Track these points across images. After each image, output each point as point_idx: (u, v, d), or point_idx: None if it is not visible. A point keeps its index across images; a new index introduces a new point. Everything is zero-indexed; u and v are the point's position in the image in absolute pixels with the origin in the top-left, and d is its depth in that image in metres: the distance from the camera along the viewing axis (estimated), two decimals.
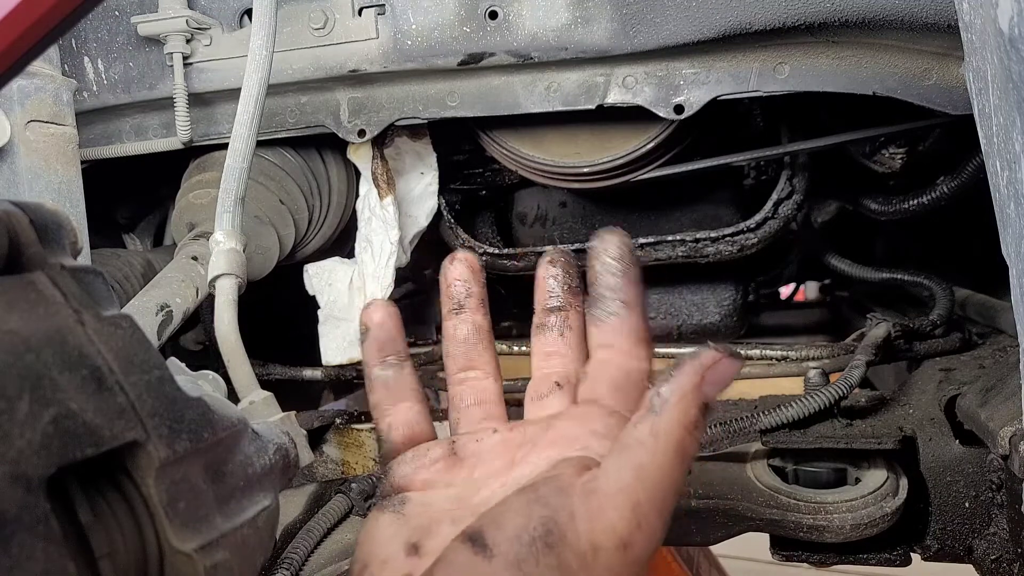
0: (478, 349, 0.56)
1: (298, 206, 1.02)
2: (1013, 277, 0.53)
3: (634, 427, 0.41)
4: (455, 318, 0.56)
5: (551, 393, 0.53)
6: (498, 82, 0.91)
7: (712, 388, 0.41)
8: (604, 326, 0.52)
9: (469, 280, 0.55)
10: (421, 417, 0.55)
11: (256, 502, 0.40)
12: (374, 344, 0.55)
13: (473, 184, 1.19)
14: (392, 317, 0.55)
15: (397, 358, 0.55)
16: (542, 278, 0.55)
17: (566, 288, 0.55)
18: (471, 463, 0.52)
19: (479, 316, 0.56)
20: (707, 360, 0.41)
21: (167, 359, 0.40)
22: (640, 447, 0.40)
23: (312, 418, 1.04)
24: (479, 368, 0.56)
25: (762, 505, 0.77)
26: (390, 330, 0.55)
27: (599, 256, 0.51)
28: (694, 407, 0.40)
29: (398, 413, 0.55)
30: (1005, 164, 0.52)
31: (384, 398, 0.55)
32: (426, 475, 0.52)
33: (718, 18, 0.80)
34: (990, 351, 0.97)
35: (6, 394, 0.28)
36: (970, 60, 0.58)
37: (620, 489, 0.39)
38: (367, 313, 0.55)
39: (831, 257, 1.28)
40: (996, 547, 0.75)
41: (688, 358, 0.41)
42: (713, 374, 0.41)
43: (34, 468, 0.28)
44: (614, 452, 0.41)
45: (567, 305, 0.55)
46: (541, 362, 0.55)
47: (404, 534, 0.48)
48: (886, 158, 1.06)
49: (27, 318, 0.31)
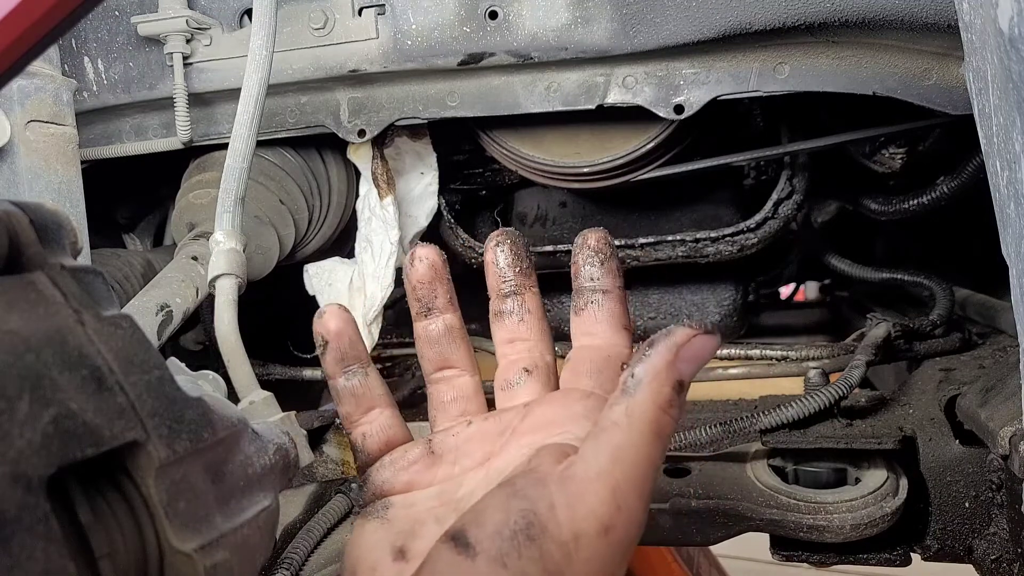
0: (451, 348, 0.55)
1: (298, 206, 1.02)
2: (1013, 277, 0.53)
3: (609, 409, 0.41)
4: (424, 320, 0.55)
5: (521, 380, 0.53)
6: (498, 82, 0.91)
7: (687, 365, 0.41)
8: (585, 314, 0.52)
9: (433, 280, 0.55)
10: (394, 421, 0.55)
11: (256, 502, 0.40)
12: (334, 355, 0.54)
13: (473, 184, 1.19)
14: (348, 323, 0.54)
15: (360, 365, 0.54)
16: (491, 262, 0.55)
17: (517, 271, 0.54)
18: (450, 459, 0.52)
19: (449, 315, 0.55)
20: (680, 338, 0.41)
21: (167, 359, 0.40)
22: (615, 428, 0.40)
23: (312, 418, 1.04)
24: (455, 366, 0.56)
25: (762, 505, 0.77)
26: (348, 337, 0.54)
27: (580, 250, 0.52)
28: (667, 386, 0.40)
29: (370, 421, 0.54)
30: (1005, 164, 0.52)
31: (353, 409, 0.54)
32: (406, 477, 0.52)
33: (718, 18, 0.81)
34: (990, 351, 0.97)
35: (6, 394, 0.28)
36: (970, 60, 0.58)
37: (598, 473, 0.39)
38: (322, 324, 0.53)
39: (831, 257, 1.28)
40: (996, 547, 0.75)
41: (661, 336, 0.41)
42: (688, 351, 0.41)
43: (34, 468, 0.28)
44: (590, 436, 0.41)
45: (521, 288, 0.54)
46: (505, 348, 0.55)
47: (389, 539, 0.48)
48: (886, 158, 1.06)
49: (27, 318, 0.31)
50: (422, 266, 0.54)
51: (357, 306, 0.97)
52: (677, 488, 0.81)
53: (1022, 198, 0.49)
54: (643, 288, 1.22)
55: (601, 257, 0.52)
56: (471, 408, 0.55)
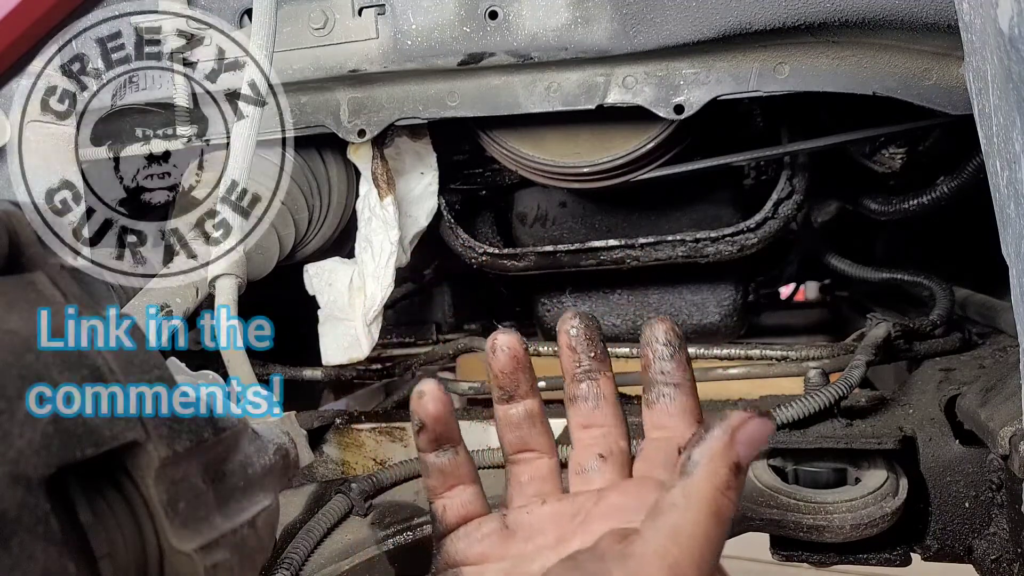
0: (532, 433, 0.57)
1: (298, 206, 1.02)
2: (1013, 277, 0.53)
3: (668, 491, 0.43)
4: (506, 404, 0.56)
5: (595, 465, 0.55)
6: (498, 82, 0.91)
7: (743, 448, 0.43)
8: (657, 408, 0.54)
9: (516, 371, 0.55)
10: (475, 496, 0.56)
11: (256, 502, 0.40)
12: (429, 436, 0.55)
13: (473, 184, 1.18)
14: (446, 407, 0.55)
15: (451, 444, 0.55)
16: (565, 345, 0.56)
17: (592, 356, 0.56)
18: (524, 535, 0.53)
19: (530, 400, 0.56)
20: (736, 421, 0.43)
21: (167, 359, 0.40)
22: (674, 510, 0.41)
23: (312, 418, 1.04)
24: (534, 449, 0.57)
25: (762, 505, 0.77)
26: (445, 421, 0.55)
27: (650, 343, 0.54)
28: (724, 467, 0.42)
29: (452, 496, 0.56)
30: (1005, 164, 0.52)
31: (439, 483, 0.56)
32: (480, 548, 0.53)
33: (718, 18, 0.80)
34: (990, 351, 0.97)
35: (6, 394, 0.28)
36: (970, 60, 0.58)
37: (655, 551, 0.40)
38: (421, 405, 0.54)
39: (831, 257, 1.28)
40: (996, 547, 0.75)
41: (718, 419, 0.44)
42: (743, 434, 0.43)
43: (34, 468, 0.28)
44: (649, 516, 0.43)
45: (596, 372, 0.56)
46: (580, 434, 0.56)
47: None
48: (886, 158, 1.06)
49: (27, 318, 0.31)
50: (504, 356, 0.55)
51: (357, 306, 0.97)
52: None
53: (1022, 198, 0.49)
54: (643, 288, 1.22)
55: (671, 350, 0.53)
56: (546, 488, 0.56)
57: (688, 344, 0.55)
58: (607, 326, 1.24)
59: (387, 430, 1.02)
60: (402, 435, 1.02)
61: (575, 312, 0.56)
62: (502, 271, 1.14)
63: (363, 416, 1.06)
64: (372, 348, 0.98)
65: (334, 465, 1.03)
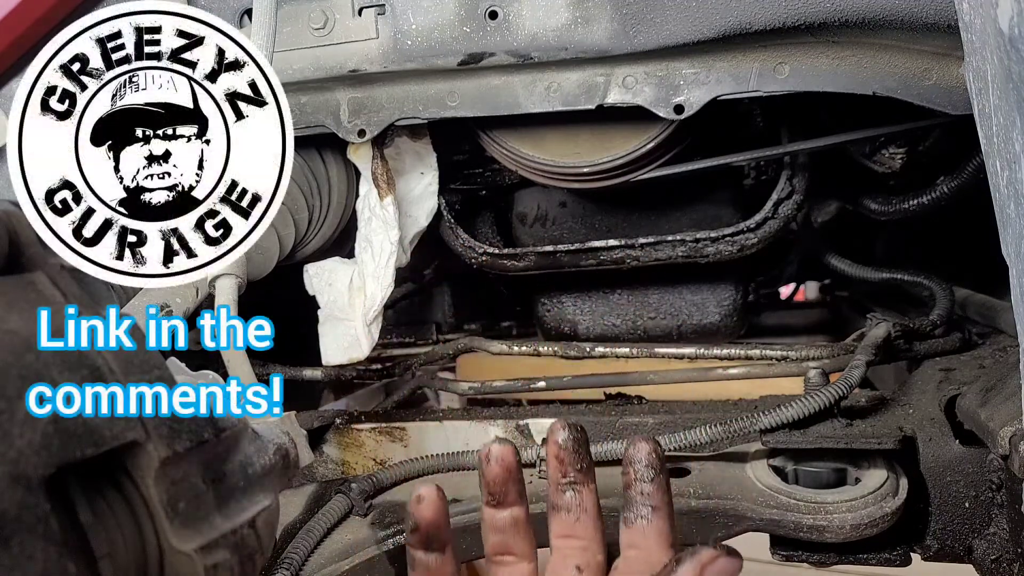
0: (515, 538, 0.58)
1: (298, 206, 1.02)
2: (1013, 277, 0.53)
3: None
4: (493, 509, 0.58)
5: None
6: (498, 82, 0.91)
7: None
8: (634, 528, 0.55)
9: (507, 481, 0.58)
10: None
11: (256, 502, 0.40)
12: (420, 538, 0.57)
13: (473, 184, 1.18)
14: (441, 514, 0.57)
15: (439, 545, 0.57)
16: (553, 455, 0.58)
17: (578, 468, 0.57)
18: None
19: (517, 508, 0.58)
20: (705, 558, 0.46)
21: (167, 359, 0.40)
22: None
23: (312, 418, 1.04)
24: (514, 553, 0.59)
25: (762, 505, 0.77)
26: (439, 527, 0.57)
27: (632, 462, 0.56)
28: None
29: None
30: (1005, 164, 0.52)
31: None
32: None
33: (718, 18, 0.80)
34: (990, 351, 0.97)
35: (6, 394, 0.28)
36: (970, 60, 0.58)
37: None
38: (419, 509, 0.56)
39: (831, 257, 1.28)
40: (996, 547, 0.75)
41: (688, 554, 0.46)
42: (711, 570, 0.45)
43: (34, 468, 0.28)
44: None
45: (580, 484, 0.57)
46: (559, 542, 0.58)
47: None
48: (886, 158, 1.06)
49: (27, 318, 0.31)
50: (498, 467, 0.57)
51: (357, 306, 0.97)
52: (677, 488, 0.81)
53: (1022, 198, 0.49)
54: (643, 288, 1.22)
55: (652, 473, 0.55)
56: None
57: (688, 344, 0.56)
58: (607, 326, 1.24)
59: (387, 430, 1.02)
60: (402, 435, 1.02)
61: (565, 423, 0.58)
62: (502, 271, 1.14)
63: (363, 416, 1.06)
64: (372, 348, 0.98)
65: (334, 465, 1.03)
